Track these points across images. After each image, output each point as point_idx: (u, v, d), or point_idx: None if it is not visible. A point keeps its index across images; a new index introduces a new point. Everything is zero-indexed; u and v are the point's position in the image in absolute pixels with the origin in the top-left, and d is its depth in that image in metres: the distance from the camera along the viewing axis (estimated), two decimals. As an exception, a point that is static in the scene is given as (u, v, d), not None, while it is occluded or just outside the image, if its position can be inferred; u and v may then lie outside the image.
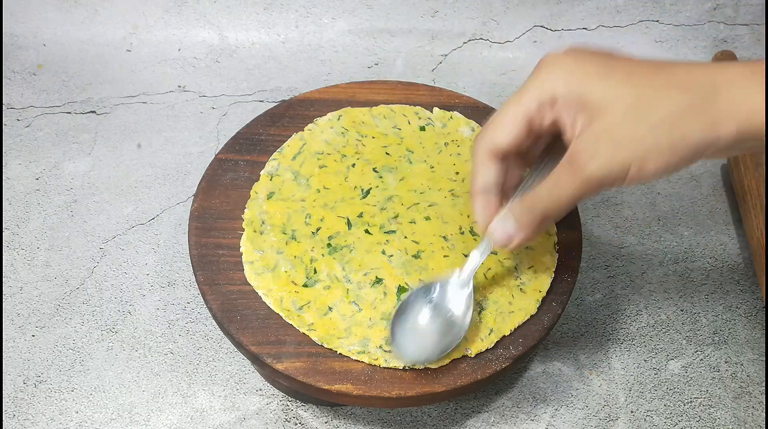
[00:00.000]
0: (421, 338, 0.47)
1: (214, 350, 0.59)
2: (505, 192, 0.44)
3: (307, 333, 0.48)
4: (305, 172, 0.56)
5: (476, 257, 0.47)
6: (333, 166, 0.56)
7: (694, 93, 0.36)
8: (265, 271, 0.50)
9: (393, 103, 0.61)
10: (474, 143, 0.43)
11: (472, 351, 0.48)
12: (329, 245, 0.52)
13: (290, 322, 0.48)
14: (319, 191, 0.55)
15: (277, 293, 0.49)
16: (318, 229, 0.52)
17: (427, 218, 0.54)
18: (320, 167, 0.56)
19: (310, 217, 0.53)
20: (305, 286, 0.50)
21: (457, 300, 0.47)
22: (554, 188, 0.39)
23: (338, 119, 0.59)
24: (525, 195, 0.42)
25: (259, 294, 0.50)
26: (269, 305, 0.49)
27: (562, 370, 0.60)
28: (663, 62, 0.38)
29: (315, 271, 0.50)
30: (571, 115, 0.38)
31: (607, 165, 0.36)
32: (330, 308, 0.49)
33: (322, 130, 0.58)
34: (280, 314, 0.49)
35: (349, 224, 0.53)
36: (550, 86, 0.39)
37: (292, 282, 0.50)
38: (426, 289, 0.48)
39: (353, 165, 0.56)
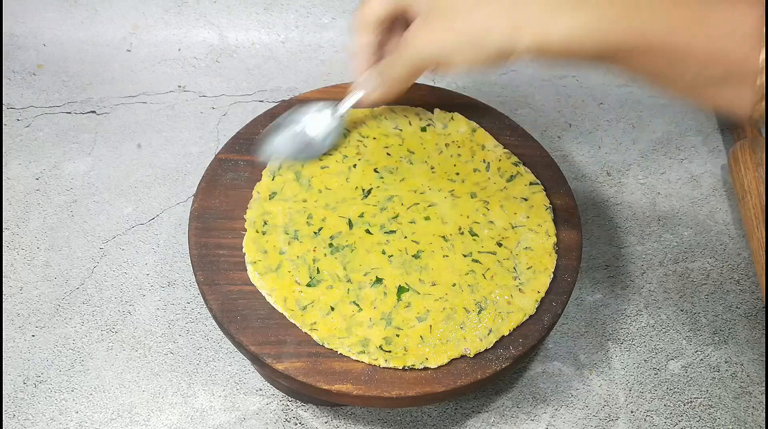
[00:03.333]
0: (284, 141, 0.56)
1: (214, 350, 0.59)
2: (386, 53, 0.51)
3: (309, 333, 0.48)
4: (307, 172, 0.56)
5: (348, 101, 0.53)
6: (334, 167, 0.56)
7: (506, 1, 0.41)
8: (269, 271, 0.50)
9: (393, 103, 0.61)
10: (354, 15, 0.50)
11: (472, 351, 0.48)
12: (331, 245, 0.52)
13: (294, 322, 0.48)
14: (320, 192, 0.55)
15: (280, 293, 0.49)
16: (320, 229, 0.52)
17: (427, 218, 0.54)
18: (322, 168, 0.56)
19: (311, 218, 0.53)
20: (309, 285, 0.50)
21: (325, 128, 0.56)
22: (390, 65, 0.48)
23: (339, 119, 0.59)
24: (379, 64, 0.50)
25: (263, 294, 0.49)
26: (273, 305, 0.49)
27: (562, 370, 0.60)
28: None
29: (318, 271, 0.50)
30: (416, 6, 0.45)
31: (419, 55, 0.45)
32: (332, 308, 0.49)
33: (323, 130, 0.58)
34: (284, 314, 0.49)
35: (350, 224, 0.53)
36: None
37: (296, 282, 0.50)
38: (301, 111, 0.56)
39: (354, 166, 0.56)
